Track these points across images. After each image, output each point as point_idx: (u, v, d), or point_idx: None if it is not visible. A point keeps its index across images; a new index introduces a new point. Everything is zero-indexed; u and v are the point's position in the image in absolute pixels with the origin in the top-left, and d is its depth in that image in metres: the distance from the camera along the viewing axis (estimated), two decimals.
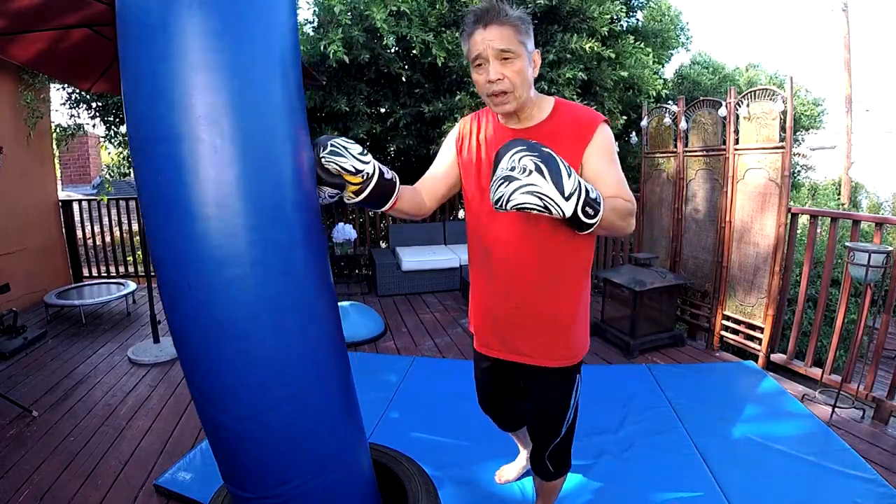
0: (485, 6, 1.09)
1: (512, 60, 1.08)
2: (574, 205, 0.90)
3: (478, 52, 1.09)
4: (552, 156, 0.90)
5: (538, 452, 1.41)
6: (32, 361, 3.03)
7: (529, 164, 0.88)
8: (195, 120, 0.79)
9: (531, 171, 0.88)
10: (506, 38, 1.06)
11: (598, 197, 0.94)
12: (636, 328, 3.11)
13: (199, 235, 0.82)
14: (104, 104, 4.92)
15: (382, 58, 3.87)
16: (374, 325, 3.53)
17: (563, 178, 0.89)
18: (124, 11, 0.82)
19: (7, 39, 2.70)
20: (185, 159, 0.80)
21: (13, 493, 1.81)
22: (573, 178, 0.90)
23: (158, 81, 0.80)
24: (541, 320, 1.25)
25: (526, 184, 0.88)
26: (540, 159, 0.88)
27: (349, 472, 1.06)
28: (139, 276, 5.07)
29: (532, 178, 0.88)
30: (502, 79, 1.08)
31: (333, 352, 1.02)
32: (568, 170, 0.90)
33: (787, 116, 2.71)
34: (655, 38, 5.14)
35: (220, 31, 0.80)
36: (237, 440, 0.94)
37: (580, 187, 0.91)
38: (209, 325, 0.87)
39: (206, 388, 0.92)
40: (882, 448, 2.09)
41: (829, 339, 2.85)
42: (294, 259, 0.91)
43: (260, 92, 0.86)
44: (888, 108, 15.64)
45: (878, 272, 2.24)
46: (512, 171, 0.88)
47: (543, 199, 0.88)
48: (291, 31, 0.93)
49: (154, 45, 0.79)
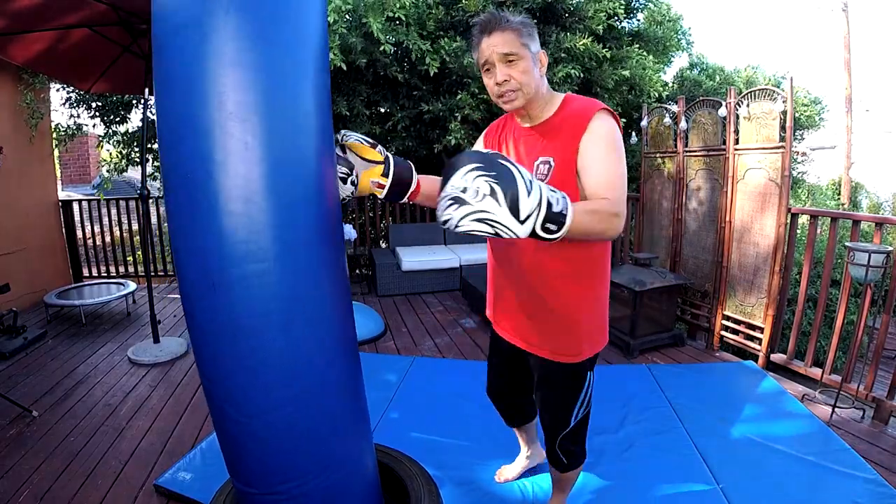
0: (487, 16, 1.16)
1: (516, 62, 1.13)
2: (531, 227, 0.84)
3: (485, 58, 1.16)
4: (511, 172, 0.83)
5: (549, 442, 1.45)
6: (32, 361, 3.03)
7: (484, 187, 0.82)
8: (226, 116, 0.81)
9: (485, 196, 0.81)
10: (508, 42, 1.12)
11: (563, 210, 0.88)
12: (636, 328, 3.11)
13: (226, 230, 0.84)
14: (104, 104, 4.92)
15: (380, 62, 3.87)
16: (374, 325, 3.53)
17: (521, 199, 0.82)
18: (160, 9, 0.84)
19: (7, 39, 2.70)
20: (214, 155, 0.82)
21: (13, 493, 1.81)
22: (534, 194, 0.84)
23: (192, 77, 0.81)
24: (548, 315, 1.28)
25: (477, 210, 0.82)
26: (496, 180, 0.82)
27: (353, 472, 1.06)
28: (139, 276, 5.07)
29: (485, 204, 0.82)
30: (508, 80, 1.14)
31: (344, 352, 1.02)
32: (529, 186, 0.84)
33: (786, 116, 2.71)
34: (657, 43, 5.14)
35: (253, 32, 0.82)
36: (245, 436, 0.94)
37: (540, 205, 0.84)
38: (227, 320, 0.88)
39: (219, 383, 0.93)
40: (882, 448, 2.09)
41: (828, 339, 2.85)
42: (314, 257, 0.93)
43: (290, 92, 0.88)
44: (888, 108, 15.66)
45: (878, 272, 2.24)
46: (464, 192, 0.82)
47: (495, 227, 0.83)
48: (322, 34, 0.95)
49: (188, 41, 0.81)
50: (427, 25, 3.82)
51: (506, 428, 1.85)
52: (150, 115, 3.43)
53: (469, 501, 1.79)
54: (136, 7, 2.69)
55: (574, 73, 3.92)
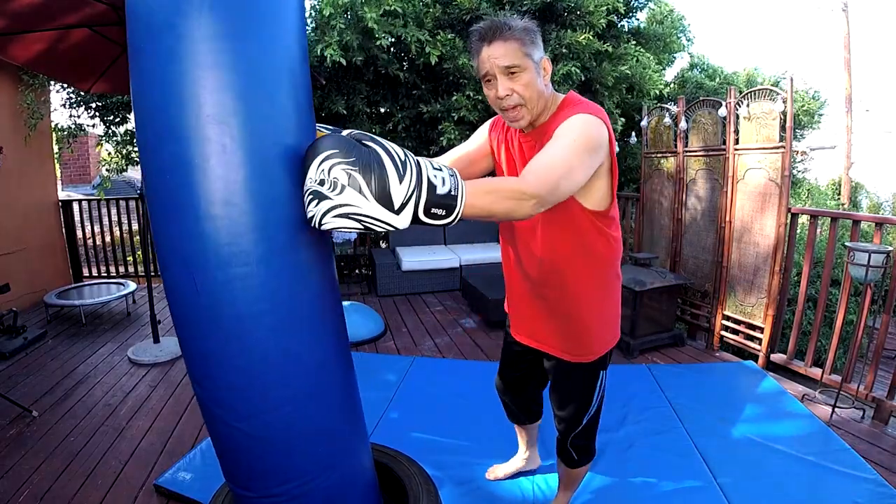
0: (487, 23, 1.08)
1: (519, 75, 1.07)
2: (410, 215, 0.75)
3: (485, 69, 1.09)
4: (376, 154, 0.74)
5: (562, 439, 1.47)
6: (32, 361, 3.03)
7: (341, 177, 0.72)
8: (204, 119, 0.80)
9: (343, 187, 0.72)
10: (510, 53, 1.05)
11: (452, 190, 0.79)
12: (636, 328, 3.11)
13: (207, 234, 0.83)
14: (104, 104, 4.92)
15: (379, 59, 3.87)
16: (374, 325, 3.53)
17: (392, 185, 0.73)
18: (134, 10, 0.82)
19: (7, 39, 2.70)
20: (193, 158, 0.81)
21: (13, 493, 1.81)
22: (408, 177, 0.74)
23: (168, 81, 0.80)
24: (557, 316, 1.29)
25: (339, 204, 0.72)
26: (355, 166, 0.72)
27: (350, 473, 1.06)
28: (139, 276, 5.07)
29: (345, 197, 0.72)
30: (511, 94, 1.08)
31: (336, 352, 1.02)
32: (402, 168, 0.74)
33: (787, 116, 2.71)
34: (658, 42, 5.14)
35: (229, 32, 0.81)
36: (239, 439, 0.94)
37: (420, 188, 0.75)
38: (214, 323, 0.87)
39: (209, 386, 0.92)
40: (882, 448, 2.09)
41: (829, 339, 2.85)
42: (300, 258, 0.92)
43: (268, 92, 0.86)
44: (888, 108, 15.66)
45: (878, 272, 2.24)
46: (321, 185, 0.73)
47: (363, 221, 0.73)
48: (299, 33, 0.94)
49: (163, 44, 0.80)
50: (425, 24, 3.83)
51: (505, 428, 1.85)
52: None
53: (469, 501, 1.79)
54: None
55: (575, 71, 3.92)
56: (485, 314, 3.71)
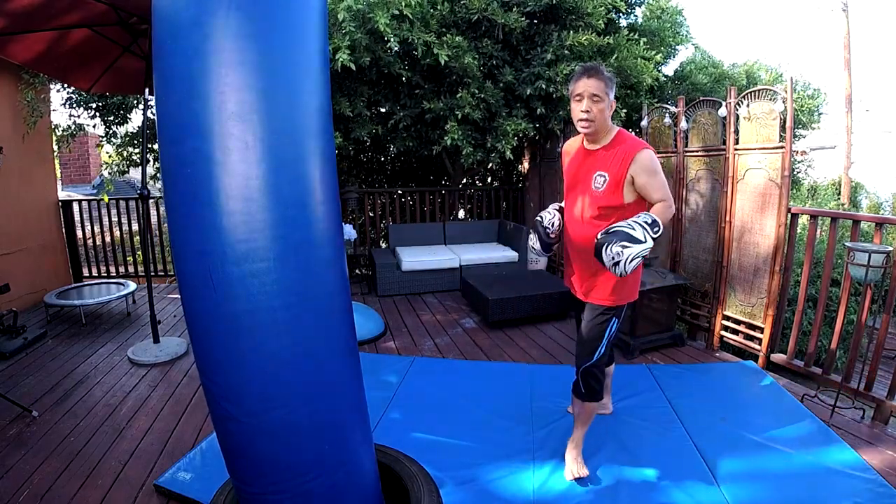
0: (591, 64, 1.68)
1: (598, 102, 1.67)
2: (651, 241, 1.49)
3: (579, 91, 1.68)
4: (622, 233, 1.49)
5: (577, 372, 1.86)
6: (32, 361, 3.03)
7: (617, 249, 1.47)
8: (227, 116, 0.81)
9: (621, 251, 1.47)
10: (598, 87, 1.66)
11: (652, 220, 1.52)
12: (636, 328, 3.11)
13: (225, 228, 0.84)
14: (104, 104, 4.92)
15: (383, 60, 3.87)
16: (374, 325, 3.53)
17: (635, 235, 1.48)
18: (160, 8, 0.83)
19: (7, 39, 2.70)
20: (214, 153, 0.82)
21: (13, 493, 1.81)
22: (638, 228, 1.49)
23: (193, 77, 0.81)
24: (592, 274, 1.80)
25: (626, 259, 1.47)
26: (617, 240, 1.48)
27: (354, 471, 1.06)
28: (139, 276, 5.07)
29: (628, 253, 1.47)
30: (590, 111, 1.68)
31: (346, 350, 1.02)
32: (630, 227, 1.50)
33: (787, 116, 2.71)
34: (654, 36, 5.14)
35: (254, 31, 0.82)
36: (245, 434, 0.94)
37: (643, 226, 1.49)
38: (227, 318, 0.88)
39: (219, 381, 0.93)
40: (882, 448, 2.09)
41: (829, 339, 2.85)
42: (315, 256, 0.92)
43: (291, 92, 0.88)
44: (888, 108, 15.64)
45: (878, 272, 2.24)
46: (616, 261, 1.48)
47: (640, 258, 1.49)
48: (321, 34, 0.95)
49: (189, 41, 0.80)
50: (430, 24, 3.82)
51: (505, 428, 1.85)
52: (151, 116, 3.42)
53: (469, 501, 1.79)
54: (136, 7, 2.69)
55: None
56: (485, 314, 3.71)
